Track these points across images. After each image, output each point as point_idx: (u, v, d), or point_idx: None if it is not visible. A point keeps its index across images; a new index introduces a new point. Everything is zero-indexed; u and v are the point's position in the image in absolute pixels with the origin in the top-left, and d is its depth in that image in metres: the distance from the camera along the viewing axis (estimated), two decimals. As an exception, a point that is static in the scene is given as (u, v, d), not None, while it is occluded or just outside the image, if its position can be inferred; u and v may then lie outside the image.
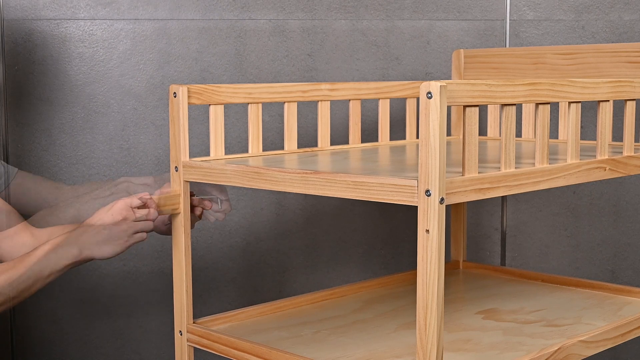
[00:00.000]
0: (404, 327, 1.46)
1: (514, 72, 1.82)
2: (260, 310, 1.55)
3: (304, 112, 2.02)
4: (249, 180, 1.31)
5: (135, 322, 2.01)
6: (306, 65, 2.03)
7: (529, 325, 1.47)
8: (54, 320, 1.96)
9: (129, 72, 1.94)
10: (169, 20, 1.95)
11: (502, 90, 1.14)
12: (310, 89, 1.58)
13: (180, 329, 1.44)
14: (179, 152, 1.41)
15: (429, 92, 1.03)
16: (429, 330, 1.07)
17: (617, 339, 1.45)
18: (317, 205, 2.07)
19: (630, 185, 2.16)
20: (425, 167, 1.04)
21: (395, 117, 1.99)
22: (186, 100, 1.40)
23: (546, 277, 1.78)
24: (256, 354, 1.32)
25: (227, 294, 2.04)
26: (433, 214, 1.04)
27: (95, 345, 1.99)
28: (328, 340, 1.40)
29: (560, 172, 1.28)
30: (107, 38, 1.93)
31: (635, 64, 1.63)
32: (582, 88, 1.30)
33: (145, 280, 1.98)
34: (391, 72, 2.07)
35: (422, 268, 1.06)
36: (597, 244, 2.18)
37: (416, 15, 2.07)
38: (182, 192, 1.41)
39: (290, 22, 2.01)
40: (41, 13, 1.90)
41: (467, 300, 1.65)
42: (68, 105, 1.92)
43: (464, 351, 1.34)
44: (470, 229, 2.14)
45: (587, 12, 2.10)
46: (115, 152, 1.95)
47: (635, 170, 1.44)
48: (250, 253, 2.05)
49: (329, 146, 1.63)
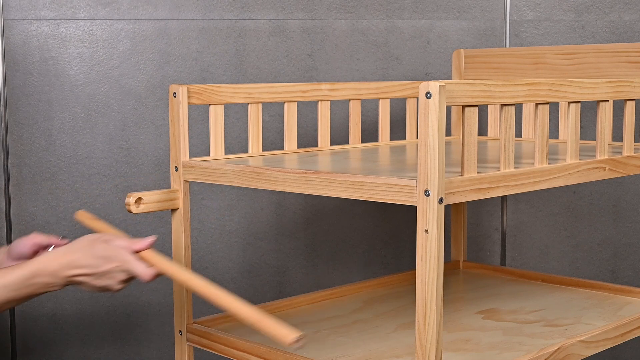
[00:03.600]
0: (404, 327, 1.46)
1: (514, 72, 1.82)
2: (260, 310, 1.54)
3: (304, 112, 2.02)
4: (248, 180, 1.31)
5: (135, 322, 2.01)
6: (306, 65, 2.03)
7: (528, 325, 1.47)
8: (54, 320, 1.96)
9: (129, 72, 1.94)
10: (169, 20, 1.95)
11: (501, 90, 1.15)
12: (310, 89, 1.58)
13: (180, 329, 1.44)
14: (179, 152, 1.41)
15: (428, 92, 1.03)
16: (428, 330, 1.07)
17: (617, 339, 1.45)
18: (317, 205, 2.07)
19: (630, 185, 2.16)
20: (424, 167, 1.04)
21: (395, 117, 1.99)
22: (186, 100, 1.40)
23: (546, 277, 1.78)
24: (256, 354, 1.32)
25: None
26: (432, 214, 1.05)
27: (95, 345, 1.99)
28: (328, 340, 1.40)
29: (560, 172, 1.28)
30: (107, 38, 1.93)
31: (635, 64, 1.63)
32: (581, 88, 1.30)
33: (146, 280, 1.99)
34: (391, 72, 2.07)
35: (422, 268, 1.06)
36: (597, 244, 2.18)
37: (416, 15, 2.07)
38: (181, 192, 1.41)
39: (290, 22, 2.01)
40: (41, 13, 1.90)
41: (467, 300, 1.65)
42: (68, 105, 1.92)
43: (464, 351, 1.34)
44: (470, 229, 2.14)
45: (587, 12, 2.10)
46: (115, 152, 1.95)
47: (635, 170, 1.44)
48: (250, 253, 2.05)
49: (329, 146, 1.63)
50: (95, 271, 1.20)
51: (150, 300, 2.00)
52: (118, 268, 1.21)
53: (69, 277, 1.21)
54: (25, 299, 1.20)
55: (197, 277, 1.19)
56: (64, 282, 1.21)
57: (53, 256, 1.21)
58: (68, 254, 1.21)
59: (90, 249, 1.21)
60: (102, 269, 1.20)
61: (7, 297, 1.18)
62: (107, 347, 2.00)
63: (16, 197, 1.92)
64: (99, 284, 1.21)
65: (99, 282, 1.21)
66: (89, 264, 1.20)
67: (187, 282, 1.20)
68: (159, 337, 2.02)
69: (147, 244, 1.23)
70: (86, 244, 1.22)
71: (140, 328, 2.01)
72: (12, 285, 1.18)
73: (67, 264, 1.20)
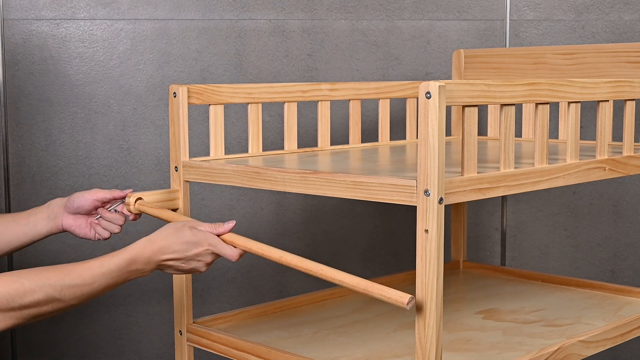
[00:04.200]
0: (404, 327, 1.46)
1: (514, 72, 1.82)
2: (260, 310, 1.55)
3: (304, 112, 2.02)
4: (248, 180, 1.31)
5: (135, 322, 2.01)
6: (306, 65, 2.03)
7: (528, 325, 1.47)
8: (54, 321, 1.96)
9: (129, 72, 1.94)
10: (169, 20, 1.95)
11: (501, 90, 1.15)
12: (310, 89, 1.58)
13: (180, 329, 1.44)
14: (179, 152, 1.41)
15: (428, 92, 1.03)
16: (428, 330, 1.07)
17: (617, 339, 1.45)
18: (317, 205, 2.07)
19: (630, 185, 2.16)
20: (424, 167, 1.04)
21: (395, 117, 1.99)
22: (186, 100, 1.40)
23: (546, 277, 1.78)
24: (256, 354, 1.32)
25: (227, 294, 2.04)
26: (432, 214, 1.05)
27: (95, 345, 1.99)
28: (328, 340, 1.40)
29: (560, 172, 1.28)
30: (107, 38, 1.93)
31: (635, 64, 1.63)
32: (581, 88, 1.30)
33: (145, 280, 1.99)
34: (391, 72, 2.07)
35: (421, 268, 1.06)
36: (597, 244, 2.18)
37: (416, 15, 2.07)
38: (181, 192, 1.41)
39: (290, 22, 2.01)
40: (41, 13, 1.90)
41: (467, 300, 1.65)
42: (68, 105, 1.92)
43: (464, 351, 1.34)
44: (470, 229, 2.14)
45: (587, 12, 2.10)
46: (115, 152, 1.95)
47: (635, 170, 1.44)
48: (250, 253, 2.04)
49: (329, 146, 1.63)
50: (185, 255, 1.27)
51: (150, 300, 2.00)
52: (207, 251, 1.27)
53: (160, 262, 1.27)
54: (120, 284, 1.27)
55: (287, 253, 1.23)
56: (155, 268, 1.28)
57: (145, 243, 1.27)
58: (159, 240, 1.27)
59: (180, 235, 1.27)
60: (192, 253, 1.27)
61: (108, 284, 1.24)
62: (107, 347, 2.00)
63: (16, 197, 1.92)
64: (188, 267, 1.28)
65: (187, 265, 1.28)
66: (180, 249, 1.26)
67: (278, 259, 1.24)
68: (159, 337, 2.02)
69: (229, 228, 1.29)
70: (173, 231, 1.28)
71: (140, 328, 2.01)
72: (113, 272, 1.24)
73: (159, 250, 1.26)
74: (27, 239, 1.46)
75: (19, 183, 1.91)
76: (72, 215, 1.44)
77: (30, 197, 1.92)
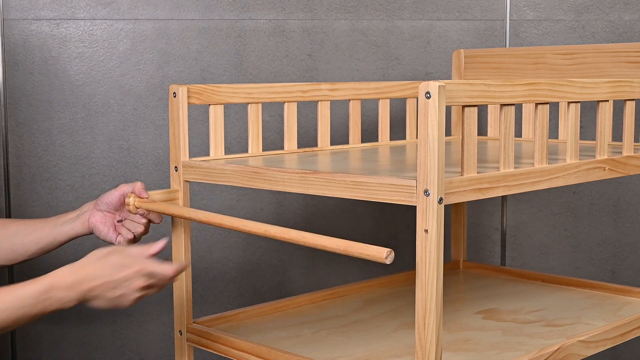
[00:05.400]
0: (404, 327, 1.46)
1: (514, 72, 1.82)
2: (260, 310, 1.55)
3: (304, 112, 2.02)
4: (248, 180, 1.31)
5: (135, 322, 2.01)
6: (306, 65, 2.03)
7: (528, 325, 1.47)
8: (54, 320, 1.96)
9: (129, 72, 1.94)
10: (169, 20, 1.95)
11: (501, 90, 1.15)
12: (310, 89, 1.58)
13: (180, 329, 1.44)
14: (179, 152, 1.41)
15: (428, 92, 1.03)
16: (427, 330, 1.07)
17: (617, 339, 1.45)
18: (317, 205, 2.07)
19: (630, 185, 2.16)
20: (424, 167, 1.04)
21: (395, 117, 1.99)
22: (186, 100, 1.40)
23: (546, 277, 1.78)
24: (256, 354, 1.32)
25: (227, 294, 2.04)
26: (432, 214, 1.05)
27: (95, 345, 1.99)
28: (328, 340, 1.40)
29: (560, 172, 1.28)
30: (107, 38, 1.93)
31: (635, 64, 1.63)
32: (581, 88, 1.30)
33: (146, 280, 1.99)
34: (391, 72, 2.07)
35: (421, 268, 1.06)
36: (597, 244, 2.18)
37: (416, 15, 2.07)
38: (181, 192, 1.41)
39: (290, 22, 2.01)
40: (41, 13, 1.90)
41: (467, 300, 1.65)
42: (68, 105, 1.92)
43: (464, 351, 1.34)
44: (470, 229, 2.14)
45: (587, 12, 2.10)
46: (115, 152, 1.95)
47: (635, 170, 1.44)
48: (250, 253, 2.05)
49: (329, 146, 1.63)
50: (112, 279, 1.19)
51: (150, 300, 2.00)
52: (138, 273, 1.19)
53: (85, 291, 1.18)
54: (37, 317, 1.16)
55: (268, 225, 1.18)
56: (79, 297, 1.19)
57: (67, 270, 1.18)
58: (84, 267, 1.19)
59: (106, 260, 1.20)
60: (120, 276, 1.19)
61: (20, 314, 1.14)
62: (107, 346, 2.00)
63: (16, 197, 1.92)
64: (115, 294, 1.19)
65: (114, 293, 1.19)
66: (106, 273, 1.18)
67: (263, 232, 1.18)
68: (159, 337, 2.02)
69: (160, 247, 1.23)
70: (100, 256, 1.20)
71: (140, 328, 2.01)
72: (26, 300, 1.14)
73: (84, 277, 1.18)
74: (51, 238, 1.43)
75: (19, 183, 1.91)
76: (101, 212, 1.42)
77: (30, 197, 1.92)
